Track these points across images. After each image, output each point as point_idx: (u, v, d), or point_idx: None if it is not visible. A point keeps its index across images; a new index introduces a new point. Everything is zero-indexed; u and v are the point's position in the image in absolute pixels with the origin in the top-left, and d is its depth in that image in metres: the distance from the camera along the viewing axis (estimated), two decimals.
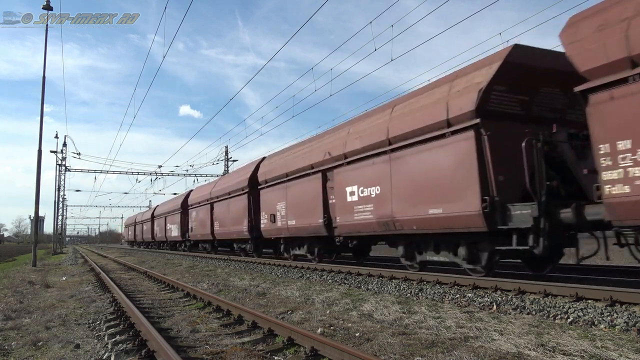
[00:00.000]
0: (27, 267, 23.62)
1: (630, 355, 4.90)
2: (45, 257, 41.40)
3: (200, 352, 5.61)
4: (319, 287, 11.47)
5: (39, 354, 5.93)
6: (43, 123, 24.27)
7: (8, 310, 9.06)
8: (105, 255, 40.17)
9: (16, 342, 6.52)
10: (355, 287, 11.24)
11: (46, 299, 10.93)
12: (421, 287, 10.00)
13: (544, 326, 6.34)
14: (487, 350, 5.22)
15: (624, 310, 6.64)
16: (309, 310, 8.30)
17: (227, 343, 6.03)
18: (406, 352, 5.31)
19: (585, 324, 6.43)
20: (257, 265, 18.92)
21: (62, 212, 67.44)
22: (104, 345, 6.08)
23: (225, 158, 52.83)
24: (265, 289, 11.47)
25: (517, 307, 7.58)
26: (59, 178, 53.99)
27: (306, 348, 5.35)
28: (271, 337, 6.23)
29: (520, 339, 5.62)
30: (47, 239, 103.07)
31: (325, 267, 15.16)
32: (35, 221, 26.59)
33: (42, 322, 7.85)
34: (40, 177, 24.49)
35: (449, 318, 7.07)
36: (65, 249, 69.16)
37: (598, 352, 5.00)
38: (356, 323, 7.03)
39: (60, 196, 58.51)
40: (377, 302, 8.70)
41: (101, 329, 7.13)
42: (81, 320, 8.02)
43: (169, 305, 9.56)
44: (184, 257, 30.39)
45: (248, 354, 5.34)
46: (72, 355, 5.78)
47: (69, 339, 6.55)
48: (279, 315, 7.93)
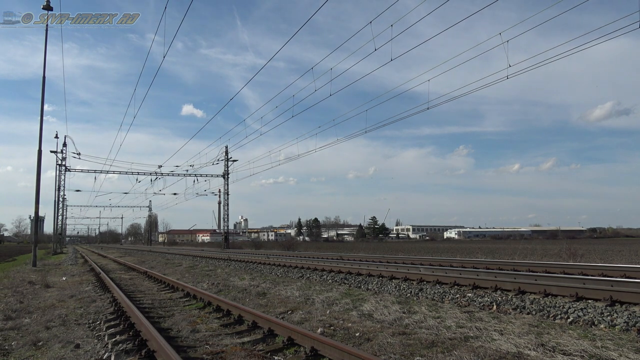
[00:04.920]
0: (27, 267, 23.62)
1: (630, 355, 4.90)
2: (45, 257, 41.41)
3: (201, 352, 5.61)
4: (319, 287, 11.47)
5: (39, 354, 5.93)
6: (43, 122, 24.32)
7: (8, 310, 9.06)
8: (105, 255, 40.16)
9: (16, 342, 6.52)
10: (355, 287, 11.24)
11: (46, 299, 10.93)
12: (421, 287, 10.00)
13: (544, 326, 6.34)
14: (487, 350, 5.22)
15: (624, 310, 6.64)
16: (309, 310, 8.30)
17: (227, 343, 6.03)
18: (406, 352, 5.31)
19: (585, 324, 6.43)
20: (257, 265, 18.91)
21: (62, 212, 67.49)
22: (104, 345, 6.08)
23: (226, 158, 52.85)
24: (265, 289, 11.46)
25: (517, 307, 7.58)
26: (59, 178, 54.04)
27: (306, 348, 5.35)
28: (271, 337, 6.23)
29: (520, 339, 5.62)
30: (47, 239, 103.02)
31: (325, 267, 15.17)
32: (35, 221, 26.59)
33: (42, 322, 7.85)
34: (40, 177, 24.55)
35: (449, 318, 7.07)
36: (65, 249, 69.16)
37: (598, 352, 5.00)
38: (356, 323, 7.03)
39: (60, 196, 58.54)
40: (377, 302, 8.70)
41: (101, 329, 7.13)
42: (81, 320, 8.02)
43: (169, 305, 9.56)
44: (184, 257, 30.38)
45: (248, 354, 5.34)
46: (72, 355, 5.78)
47: (69, 339, 6.55)
48: (279, 315, 7.93)
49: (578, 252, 24.72)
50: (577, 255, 23.39)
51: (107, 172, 53.46)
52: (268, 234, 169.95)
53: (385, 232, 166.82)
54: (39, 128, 24.17)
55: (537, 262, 15.63)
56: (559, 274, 11.21)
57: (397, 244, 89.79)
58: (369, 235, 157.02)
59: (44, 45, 26.06)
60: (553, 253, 27.95)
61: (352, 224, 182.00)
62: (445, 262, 16.94)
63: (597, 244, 65.60)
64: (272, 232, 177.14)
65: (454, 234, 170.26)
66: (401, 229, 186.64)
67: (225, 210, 55.27)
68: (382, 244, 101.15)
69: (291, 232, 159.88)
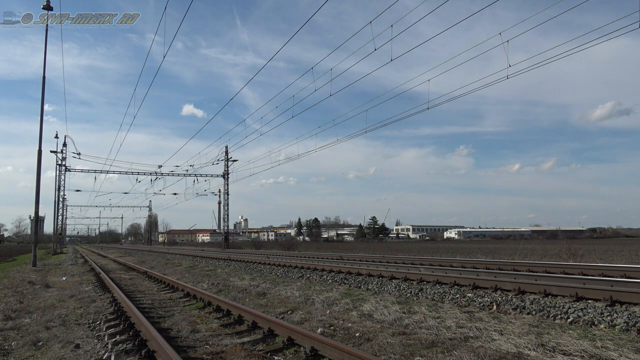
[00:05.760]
0: (27, 267, 23.62)
1: (630, 355, 4.90)
2: (45, 257, 41.41)
3: (200, 352, 5.61)
4: (319, 287, 11.47)
5: (39, 354, 5.93)
6: (43, 122, 24.32)
7: (8, 310, 9.05)
8: (105, 255, 40.16)
9: (16, 342, 6.52)
10: (355, 287, 11.24)
11: (46, 299, 10.93)
12: (421, 287, 10.00)
13: (544, 326, 6.34)
14: (487, 350, 5.22)
15: (624, 310, 6.64)
16: (309, 310, 8.30)
17: (227, 343, 6.03)
18: (406, 352, 5.31)
19: (585, 324, 6.43)
20: (257, 265, 18.91)
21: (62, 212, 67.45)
22: (104, 345, 6.07)
23: (225, 158, 52.86)
24: (265, 289, 11.46)
25: (517, 307, 7.58)
26: (59, 178, 54.02)
27: (306, 348, 5.35)
28: (271, 337, 6.23)
29: (520, 339, 5.62)
30: (47, 239, 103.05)
31: (325, 267, 15.17)
32: (35, 221, 26.57)
33: (42, 322, 7.85)
34: (40, 177, 24.54)
35: (449, 318, 7.07)
36: (65, 249, 69.15)
37: (598, 352, 5.00)
38: (356, 323, 7.03)
39: (60, 196, 58.51)
40: (377, 302, 8.70)
41: (101, 329, 7.12)
42: (81, 320, 8.02)
43: (169, 305, 9.56)
44: (184, 257, 30.38)
45: (248, 354, 5.34)
46: (72, 355, 5.78)
47: (69, 339, 6.55)
48: (279, 315, 7.93)
49: (578, 252, 24.73)
50: (577, 255, 23.39)
51: (107, 172, 53.46)
52: (268, 234, 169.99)
53: (385, 232, 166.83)
54: (39, 128, 24.20)
55: (537, 262, 15.63)
56: (559, 274, 11.21)
57: (397, 244, 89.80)
58: (369, 235, 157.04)
59: (44, 45, 26.09)
60: (553, 253, 27.95)
61: (352, 224, 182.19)
62: (445, 262, 16.94)
63: (597, 244, 65.60)
64: (272, 232, 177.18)
65: (454, 234, 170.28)
66: (401, 229, 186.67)
67: (225, 210, 55.31)
68: (382, 244, 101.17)
69: (291, 232, 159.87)
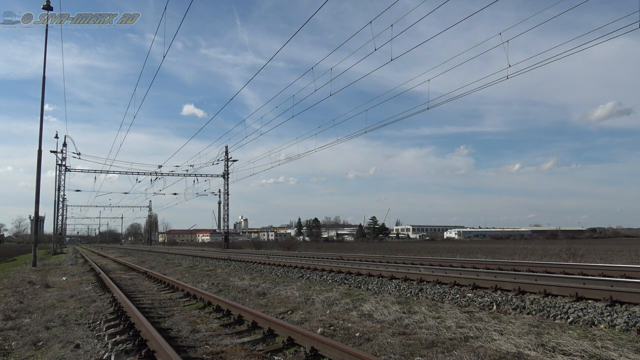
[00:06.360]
0: (27, 267, 23.62)
1: (630, 355, 4.90)
2: (45, 257, 41.40)
3: (200, 352, 5.61)
4: (319, 287, 11.47)
5: (39, 354, 5.93)
6: (43, 122, 24.32)
7: (8, 310, 9.05)
8: (105, 255, 40.16)
9: (16, 342, 6.52)
10: (355, 287, 11.24)
11: (46, 299, 10.93)
12: (421, 287, 10.00)
13: (544, 326, 6.34)
14: (487, 350, 5.22)
15: (624, 310, 6.64)
16: (309, 310, 8.30)
17: (227, 343, 6.02)
18: (406, 352, 5.31)
19: (585, 324, 6.43)
20: (257, 265, 18.91)
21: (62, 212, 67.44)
22: (104, 345, 6.07)
23: (225, 158, 52.85)
24: (265, 289, 11.46)
25: (517, 307, 7.58)
26: (59, 178, 54.01)
27: (306, 348, 5.35)
28: (271, 337, 6.23)
29: (520, 339, 5.62)
30: (47, 239, 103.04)
31: (325, 267, 15.17)
32: (35, 221, 26.58)
33: (42, 322, 7.85)
34: (40, 177, 24.55)
35: (449, 318, 7.07)
36: (65, 249, 69.14)
37: (598, 352, 5.00)
38: (356, 323, 7.03)
39: (60, 196, 58.51)
40: (377, 302, 8.70)
41: (101, 329, 7.12)
42: (81, 320, 8.02)
43: (169, 305, 9.56)
44: (183, 257, 30.38)
45: (248, 354, 5.34)
46: (72, 355, 5.78)
47: (69, 339, 6.55)
48: (279, 315, 7.92)
49: (578, 252, 24.73)
50: (577, 255, 23.39)
51: (107, 172, 53.54)
52: (268, 234, 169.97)
53: (385, 232, 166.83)
54: (39, 128, 24.20)
55: (537, 262, 15.62)
56: (559, 274, 11.21)
57: (397, 244, 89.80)
58: (369, 235, 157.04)
59: (43, 45, 26.09)
60: (553, 253, 27.95)
61: (352, 224, 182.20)
62: (445, 262, 16.94)
63: (597, 244, 65.61)
64: (272, 232, 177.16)
65: (454, 234, 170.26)
66: (401, 229, 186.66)
67: (225, 210, 55.31)
68: (382, 244, 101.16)
69: (291, 232, 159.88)
